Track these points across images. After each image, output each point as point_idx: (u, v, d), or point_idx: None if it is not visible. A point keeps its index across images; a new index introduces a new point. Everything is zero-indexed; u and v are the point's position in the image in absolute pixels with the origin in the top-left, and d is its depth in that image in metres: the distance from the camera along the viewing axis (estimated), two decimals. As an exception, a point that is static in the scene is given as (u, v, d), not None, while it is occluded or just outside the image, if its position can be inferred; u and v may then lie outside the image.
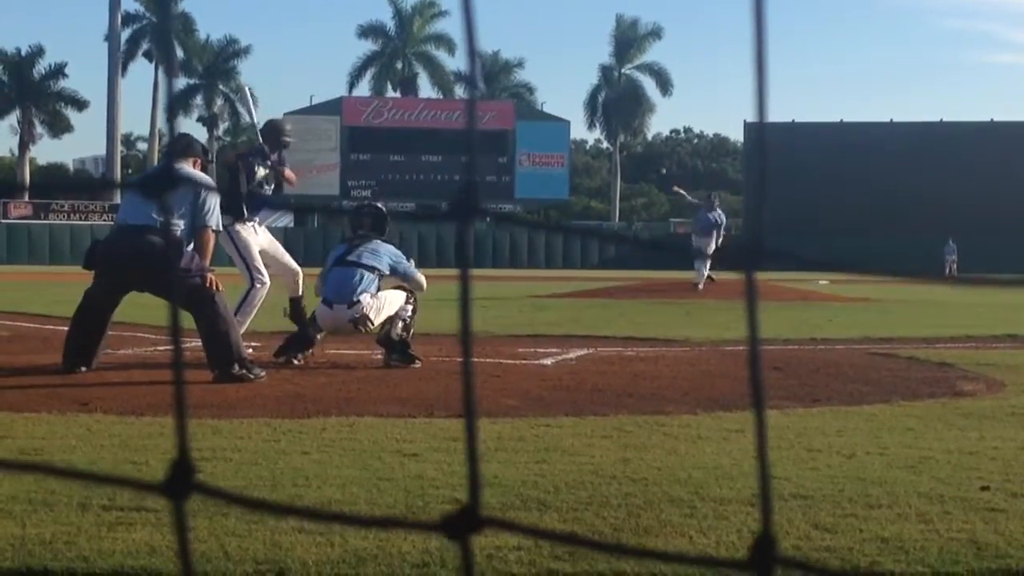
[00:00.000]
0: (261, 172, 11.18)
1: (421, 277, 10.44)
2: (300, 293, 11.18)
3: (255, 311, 10.77)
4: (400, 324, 9.97)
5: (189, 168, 9.28)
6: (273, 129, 11.73)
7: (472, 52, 0.91)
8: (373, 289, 10.03)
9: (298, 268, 11.28)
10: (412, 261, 10.57)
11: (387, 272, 10.18)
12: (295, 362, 9.94)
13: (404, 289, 10.30)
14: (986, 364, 10.42)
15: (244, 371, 8.69)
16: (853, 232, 60.65)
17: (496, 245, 65.04)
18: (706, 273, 25.92)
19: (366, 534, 4.18)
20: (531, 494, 4.99)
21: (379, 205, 10.81)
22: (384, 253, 10.24)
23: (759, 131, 0.94)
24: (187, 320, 9.25)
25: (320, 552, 4.07)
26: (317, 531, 4.23)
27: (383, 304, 10.02)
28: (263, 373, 8.83)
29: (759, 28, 0.87)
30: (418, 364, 9.88)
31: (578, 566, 3.91)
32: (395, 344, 9.97)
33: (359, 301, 9.90)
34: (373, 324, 9.95)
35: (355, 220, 10.66)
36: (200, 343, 8.84)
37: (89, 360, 9.15)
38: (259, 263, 10.83)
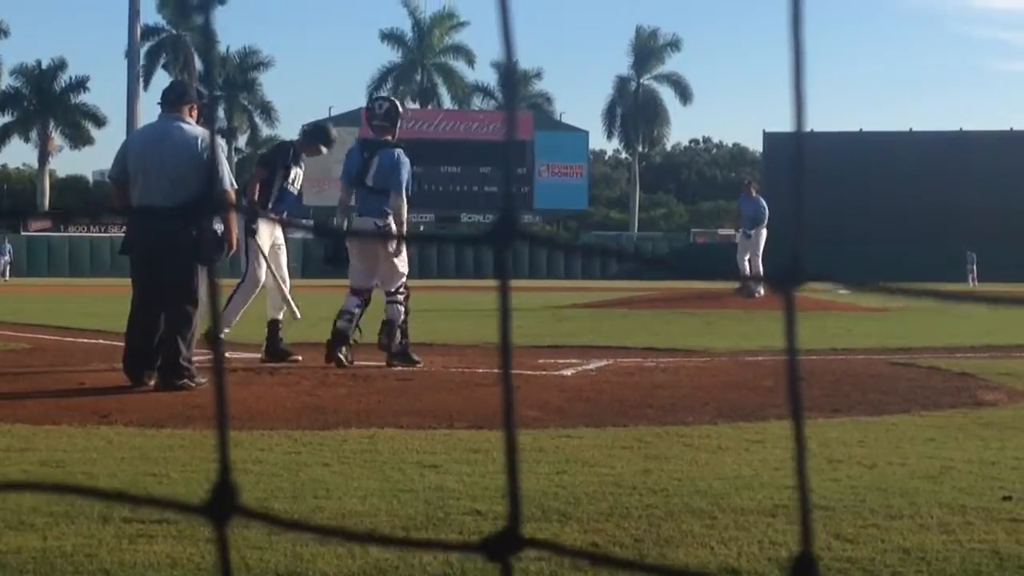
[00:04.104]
0: (295, 171, 11.30)
1: (403, 204, 10.77)
2: (279, 316, 11.11)
3: (242, 310, 10.82)
4: (398, 333, 10.54)
5: (188, 120, 9.17)
6: (321, 132, 11.91)
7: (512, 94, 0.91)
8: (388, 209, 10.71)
9: (287, 277, 11.28)
10: (406, 191, 10.84)
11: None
12: (345, 362, 10.35)
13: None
14: (1007, 374, 10.36)
15: (186, 380, 8.78)
16: (872, 241, 60.52)
17: (515, 255, 64.95)
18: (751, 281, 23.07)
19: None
20: (552, 505, 4.99)
21: (392, 98, 11.56)
22: (391, 170, 10.75)
23: (797, 141, 0.94)
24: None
25: (341, 564, 4.07)
26: (338, 542, 4.23)
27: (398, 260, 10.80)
28: (204, 380, 8.85)
29: (796, 41, 0.86)
30: (419, 363, 10.47)
31: (599, 577, 3.91)
32: (396, 355, 10.52)
33: (382, 218, 10.61)
34: (393, 247, 10.69)
35: (370, 111, 11.24)
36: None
37: (152, 369, 9.11)
38: (261, 261, 10.88)
